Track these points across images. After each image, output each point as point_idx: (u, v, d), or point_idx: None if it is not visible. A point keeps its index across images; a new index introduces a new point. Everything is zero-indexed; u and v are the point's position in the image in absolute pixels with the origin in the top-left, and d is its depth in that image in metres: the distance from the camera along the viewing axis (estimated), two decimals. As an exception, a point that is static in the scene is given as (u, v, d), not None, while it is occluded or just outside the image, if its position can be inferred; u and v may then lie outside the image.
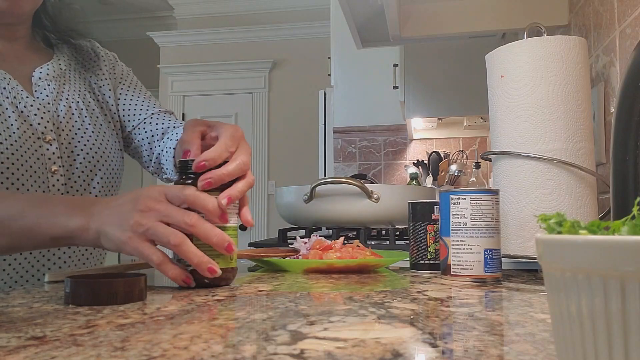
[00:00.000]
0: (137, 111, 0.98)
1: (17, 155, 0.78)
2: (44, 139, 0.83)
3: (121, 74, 1.00)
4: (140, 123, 0.97)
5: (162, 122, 0.97)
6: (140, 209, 0.59)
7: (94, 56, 0.97)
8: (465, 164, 2.75)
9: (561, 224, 0.26)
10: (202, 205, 0.59)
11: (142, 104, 0.99)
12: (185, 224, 0.58)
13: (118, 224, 0.60)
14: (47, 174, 0.82)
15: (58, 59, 0.91)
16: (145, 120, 0.97)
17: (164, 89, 4.79)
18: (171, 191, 0.61)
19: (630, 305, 0.21)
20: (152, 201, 0.59)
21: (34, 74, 0.86)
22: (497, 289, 0.61)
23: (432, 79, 2.39)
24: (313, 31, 4.60)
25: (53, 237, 0.64)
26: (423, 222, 0.79)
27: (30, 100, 0.83)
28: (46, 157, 0.82)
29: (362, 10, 1.45)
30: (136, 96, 0.99)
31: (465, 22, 1.34)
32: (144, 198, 0.60)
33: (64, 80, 0.90)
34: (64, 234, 0.63)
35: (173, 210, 0.59)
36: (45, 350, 0.33)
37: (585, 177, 0.75)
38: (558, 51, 0.76)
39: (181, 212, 0.59)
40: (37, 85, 0.85)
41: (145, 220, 0.58)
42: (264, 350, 0.32)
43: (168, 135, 0.95)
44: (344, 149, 3.24)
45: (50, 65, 0.89)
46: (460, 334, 0.38)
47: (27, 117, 0.81)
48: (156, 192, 0.61)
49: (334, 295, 0.56)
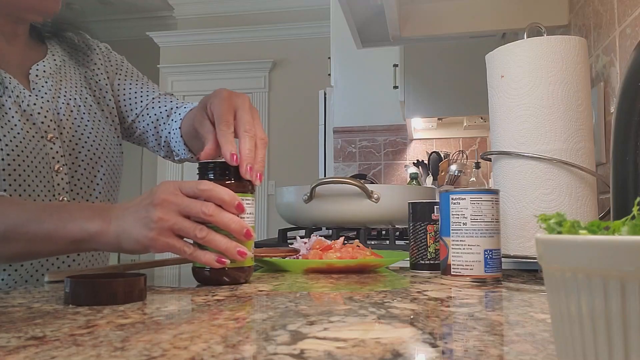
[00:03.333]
0: (138, 99, 0.98)
1: (23, 156, 0.78)
2: (47, 137, 0.82)
3: (116, 64, 0.99)
4: (143, 110, 0.97)
5: (164, 105, 0.97)
6: (158, 204, 0.59)
7: (86, 49, 0.96)
8: (465, 164, 2.75)
9: (561, 224, 0.26)
10: (218, 196, 0.60)
11: (142, 90, 0.99)
12: (203, 214, 0.59)
13: (141, 223, 0.60)
14: (52, 173, 0.82)
15: (52, 54, 0.90)
16: (148, 106, 0.97)
17: (164, 89, 4.79)
18: (186, 185, 0.61)
19: (630, 305, 0.21)
20: (169, 195, 0.60)
21: (31, 71, 0.85)
22: (497, 289, 0.61)
23: (432, 79, 2.39)
24: (313, 31, 4.60)
25: (73, 241, 0.63)
26: (423, 222, 0.79)
27: (33, 99, 0.82)
28: (50, 156, 0.82)
29: (362, 10, 1.45)
30: (135, 84, 0.99)
31: (465, 22, 1.34)
32: (159, 193, 0.60)
33: (61, 77, 0.89)
34: (84, 237, 0.62)
35: (190, 202, 0.60)
36: (45, 350, 0.33)
37: (586, 177, 0.75)
38: (558, 51, 0.76)
39: (199, 203, 0.60)
40: (35, 83, 0.85)
41: (168, 215, 0.59)
42: (264, 350, 0.32)
43: (172, 117, 0.96)
44: (344, 149, 3.24)
45: (46, 62, 0.88)
46: (460, 334, 0.37)
47: (30, 116, 0.81)
48: (171, 187, 0.61)
49: (334, 295, 0.56)
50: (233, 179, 0.65)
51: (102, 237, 0.62)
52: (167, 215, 0.59)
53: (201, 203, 0.60)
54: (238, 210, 0.62)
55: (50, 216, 0.64)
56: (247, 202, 0.64)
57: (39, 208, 0.67)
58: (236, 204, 0.61)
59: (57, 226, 0.63)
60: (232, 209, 0.61)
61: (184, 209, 0.60)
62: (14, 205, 0.67)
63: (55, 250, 0.66)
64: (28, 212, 0.65)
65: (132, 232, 0.60)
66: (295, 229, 1.23)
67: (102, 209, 0.64)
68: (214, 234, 0.60)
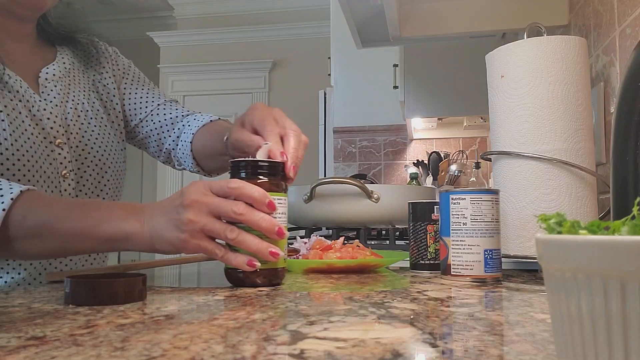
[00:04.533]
0: (143, 104, 0.98)
1: (33, 161, 0.77)
2: (55, 142, 0.82)
3: (123, 68, 1.00)
4: (148, 115, 0.98)
5: (169, 112, 0.98)
6: (187, 205, 0.59)
7: (95, 52, 0.96)
8: (465, 164, 2.75)
9: (561, 224, 0.26)
10: (249, 194, 0.59)
11: (147, 96, 0.99)
12: (234, 213, 0.58)
13: (173, 225, 0.59)
14: (59, 178, 0.82)
15: (62, 57, 0.90)
16: (152, 112, 0.98)
17: (164, 89, 4.79)
18: (216, 184, 0.61)
19: (630, 306, 0.21)
20: (199, 195, 0.59)
21: (41, 74, 0.85)
22: (497, 289, 0.61)
23: (432, 79, 2.39)
24: (313, 31, 4.60)
25: (109, 239, 0.62)
26: (423, 222, 0.79)
27: (42, 104, 0.82)
28: (58, 162, 0.82)
29: (362, 10, 1.45)
30: (140, 89, 0.99)
31: (465, 22, 1.34)
32: (189, 194, 0.60)
33: (69, 81, 0.89)
34: (119, 237, 0.62)
35: (220, 202, 0.59)
36: (45, 350, 0.33)
37: (586, 177, 0.75)
38: (558, 51, 0.76)
39: (229, 203, 0.59)
40: (44, 87, 0.84)
41: (198, 217, 0.58)
42: (264, 350, 0.32)
43: (179, 127, 0.96)
44: (344, 149, 3.24)
45: (55, 66, 0.88)
46: (460, 334, 0.37)
47: (40, 121, 0.81)
48: (201, 187, 0.60)
49: (334, 295, 0.56)
50: (266, 177, 0.63)
51: (137, 238, 0.62)
52: (198, 217, 0.58)
53: (231, 202, 0.59)
54: (269, 209, 0.61)
55: (83, 214, 0.63)
56: (279, 201, 0.63)
57: (71, 205, 0.66)
58: (267, 202, 0.60)
59: (91, 225, 0.62)
60: (264, 207, 0.60)
61: (214, 209, 0.59)
62: (46, 201, 0.66)
63: (89, 249, 0.65)
64: (60, 209, 0.64)
65: (165, 234, 0.60)
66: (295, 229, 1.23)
67: (134, 209, 0.64)
68: (245, 235, 0.59)
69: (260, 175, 0.63)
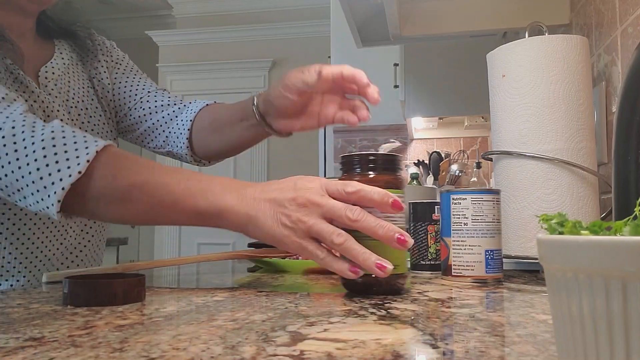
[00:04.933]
0: (132, 91, 0.98)
1: None
2: None
3: (117, 59, 1.00)
4: (137, 103, 0.98)
5: (160, 99, 0.98)
6: (302, 204, 0.55)
7: (92, 46, 0.96)
8: (466, 163, 2.75)
9: (563, 224, 0.26)
10: (369, 198, 0.54)
11: (138, 84, 0.99)
12: (348, 219, 0.54)
13: (278, 219, 0.56)
14: None
15: (60, 52, 0.90)
16: (142, 98, 0.98)
17: (163, 88, 4.79)
18: (332, 186, 0.57)
19: (631, 306, 0.21)
20: (315, 195, 0.56)
21: (40, 72, 0.85)
22: (498, 290, 0.61)
23: (433, 78, 2.38)
24: (313, 30, 4.60)
25: (200, 214, 0.59)
26: (424, 222, 0.79)
27: (52, 103, 0.82)
28: None
29: (362, 9, 1.44)
30: (131, 78, 0.99)
31: (466, 21, 1.33)
32: (304, 191, 0.56)
33: (69, 77, 0.89)
34: (213, 210, 0.58)
35: (335, 206, 0.55)
36: (44, 351, 0.32)
37: (587, 177, 0.75)
38: (559, 50, 0.76)
39: (344, 207, 0.54)
40: (45, 86, 0.84)
41: (308, 218, 0.55)
42: (263, 352, 0.32)
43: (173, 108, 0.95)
44: (344, 149, 3.24)
45: (54, 62, 0.88)
46: (461, 335, 0.37)
47: (48, 117, 0.81)
48: (318, 186, 0.57)
49: (333, 296, 0.56)
50: (384, 172, 0.58)
51: (232, 215, 0.58)
52: (306, 217, 0.55)
53: (346, 206, 0.54)
54: (395, 209, 0.54)
55: (177, 183, 0.60)
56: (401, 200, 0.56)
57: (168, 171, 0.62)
58: (391, 201, 0.54)
59: (186, 196, 0.59)
60: (388, 209, 0.54)
61: (327, 212, 0.55)
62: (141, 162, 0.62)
63: (178, 220, 0.61)
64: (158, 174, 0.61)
65: (267, 224, 0.56)
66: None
67: (237, 185, 0.60)
68: (352, 243, 0.54)
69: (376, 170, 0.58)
